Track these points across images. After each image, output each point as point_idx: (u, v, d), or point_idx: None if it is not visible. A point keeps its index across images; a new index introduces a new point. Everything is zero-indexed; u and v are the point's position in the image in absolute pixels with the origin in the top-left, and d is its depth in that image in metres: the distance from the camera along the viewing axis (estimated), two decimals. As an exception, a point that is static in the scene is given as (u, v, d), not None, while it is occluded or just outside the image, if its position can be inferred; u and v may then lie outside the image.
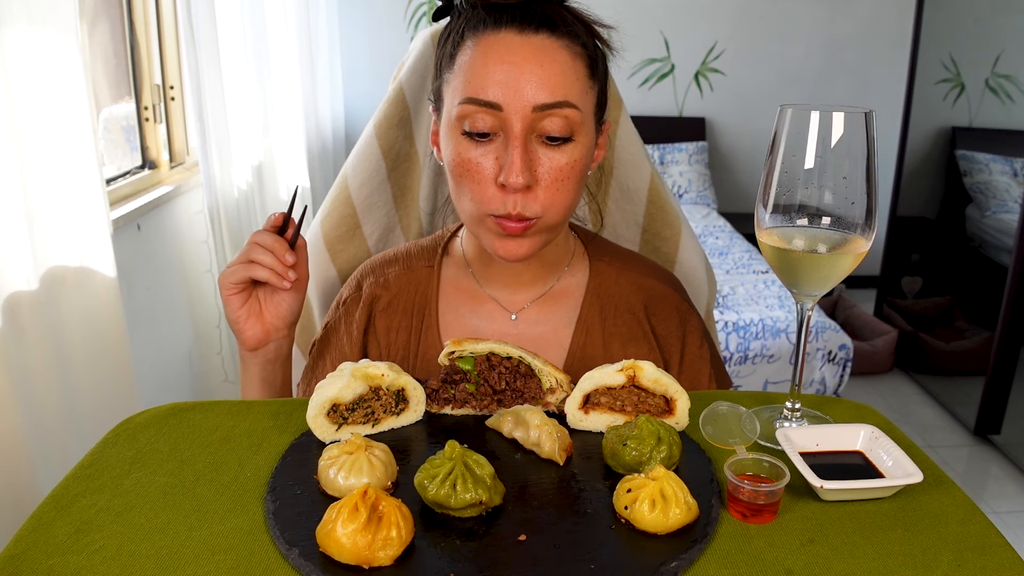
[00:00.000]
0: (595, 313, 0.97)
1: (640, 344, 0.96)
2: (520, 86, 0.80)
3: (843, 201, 0.69)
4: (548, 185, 0.83)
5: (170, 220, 2.33)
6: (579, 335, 0.96)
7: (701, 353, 0.99)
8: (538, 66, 0.80)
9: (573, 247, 1.01)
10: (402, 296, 0.98)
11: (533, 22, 0.82)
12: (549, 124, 0.81)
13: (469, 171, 0.83)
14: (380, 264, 1.01)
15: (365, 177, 1.15)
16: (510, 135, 0.81)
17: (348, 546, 0.55)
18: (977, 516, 0.64)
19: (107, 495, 0.65)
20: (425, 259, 1.00)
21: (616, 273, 0.99)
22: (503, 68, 0.80)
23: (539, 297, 0.98)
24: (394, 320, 0.98)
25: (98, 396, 1.57)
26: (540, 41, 0.81)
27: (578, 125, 0.83)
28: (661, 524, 0.59)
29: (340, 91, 3.98)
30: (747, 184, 4.40)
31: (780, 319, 2.69)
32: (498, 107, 0.80)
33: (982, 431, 2.94)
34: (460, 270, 0.99)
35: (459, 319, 0.97)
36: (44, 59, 1.41)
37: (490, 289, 0.98)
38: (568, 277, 0.99)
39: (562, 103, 0.81)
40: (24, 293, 1.35)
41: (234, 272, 0.88)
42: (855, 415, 0.80)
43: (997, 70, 3.26)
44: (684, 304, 1.00)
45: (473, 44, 0.83)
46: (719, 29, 4.21)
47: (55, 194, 1.46)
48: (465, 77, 0.82)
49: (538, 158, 0.82)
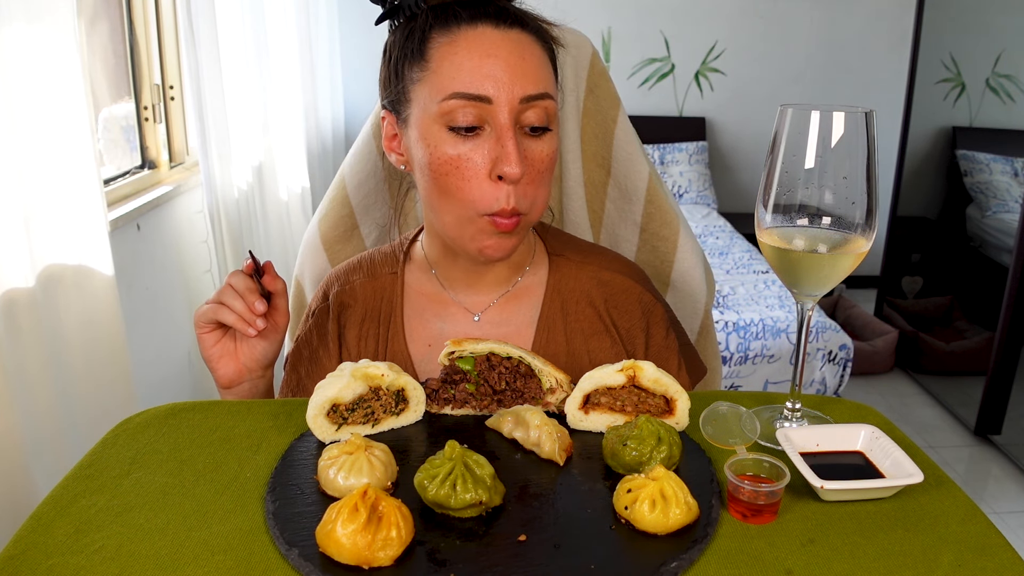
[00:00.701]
0: (556, 310, 0.96)
1: (602, 338, 0.96)
2: (507, 79, 0.81)
3: (843, 201, 0.69)
4: (533, 178, 0.84)
5: (170, 220, 2.33)
6: (541, 333, 0.95)
7: (667, 343, 0.98)
8: (520, 59, 0.82)
9: (533, 243, 1.00)
10: (368, 304, 0.98)
11: (507, 18, 0.83)
12: (532, 115, 0.83)
13: (458, 168, 0.82)
14: (344, 272, 1.01)
15: (363, 177, 1.15)
16: (500, 127, 0.81)
17: (348, 546, 0.55)
18: (977, 516, 0.64)
19: (107, 495, 0.65)
20: (388, 266, 1.00)
21: (575, 268, 0.98)
22: (490, 62, 0.81)
23: (501, 296, 0.97)
24: (363, 328, 0.97)
25: (96, 396, 1.57)
26: (516, 35, 0.83)
27: (554, 116, 0.85)
28: (661, 524, 0.59)
29: (340, 91, 3.99)
30: (747, 184, 4.40)
31: (780, 319, 2.69)
32: (487, 100, 0.80)
33: (982, 431, 2.94)
34: (423, 274, 0.99)
35: (424, 324, 0.96)
36: (42, 58, 1.41)
37: (454, 292, 0.97)
38: (530, 275, 0.98)
39: (544, 95, 0.83)
40: (21, 291, 1.35)
41: (204, 313, 0.89)
42: (855, 415, 0.80)
43: (997, 70, 3.27)
44: (647, 295, 0.99)
45: (448, 40, 0.82)
46: (719, 29, 4.21)
47: (52, 193, 1.46)
48: (448, 72, 0.81)
49: (524, 149, 0.83)
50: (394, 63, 0.87)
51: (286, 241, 2.87)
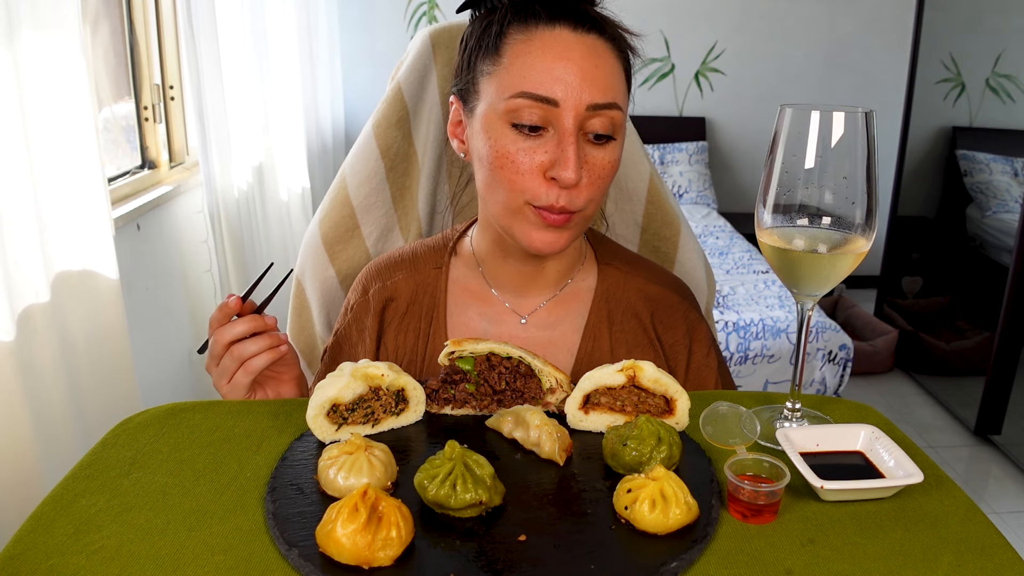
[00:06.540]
0: (603, 319, 0.96)
1: (646, 351, 0.96)
2: (577, 84, 0.80)
3: (843, 201, 0.69)
4: (592, 182, 0.83)
5: (170, 220, 2.33)
6: (587, 340, 0.95)
7: (708, 361, 0.98)
8: (593, 66, 0.81)
9: (584, 250, 1.00)
10: (411, 298, 0.97)
11: (586, 22, 0.83)
12: (598, 123, 0.82)
13: (513, 162, 0.82)
14: (386, 267, 1.00)
15: (364, 177, 1.15)
16: (563, 131, 0.81)
17: (348, 546, 0.55)
18: (977, 516, 0.64)
19: (107, 495, 0.65)
20: (432, 260, 0.99)
21: (624, 278, 0.98)
22: (561, 65, 0.80)
23: (549, 300, 0.97)
24: (403, 324, 0.97)
25: (101, 397, 1.58)
26: (592, 41, 0.82)
27: (620, 126, 0.84)
28: (661, 524, 0.59)
29: (340, 91, 3.98)
30: (747, 184, 4.40)
31: (780, 319, 2.69)
32: (555, 103, 0.80)
33: (982, 431, 2.94)
34: (470, 271, 0.98)
35: (467, 321, 0.96)
36: (49, 62, 1.41)
37: (500, 291, 0.97)
38: (579, 281, 0.98)
39: (611, 104, 0.82)
40: (36, 303, 1.37)
41: (235, 389, 0.86)
42: (855, 415, 0.80)
43: (997, 70, 3.26)
44: (692, 312, 0.99)
45: (524, 38, 0.82)
46: (719, 29, 4.21)
47: (60, 199, 1.46)
48: (519, 71, 0.81)
49: (585, 155, 0.82)
50: (468, 53, 0.88)
51: (286, 241, 2.87)
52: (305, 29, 3.19)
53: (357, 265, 1.16)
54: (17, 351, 1.30)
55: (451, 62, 1.13)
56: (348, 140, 4.05)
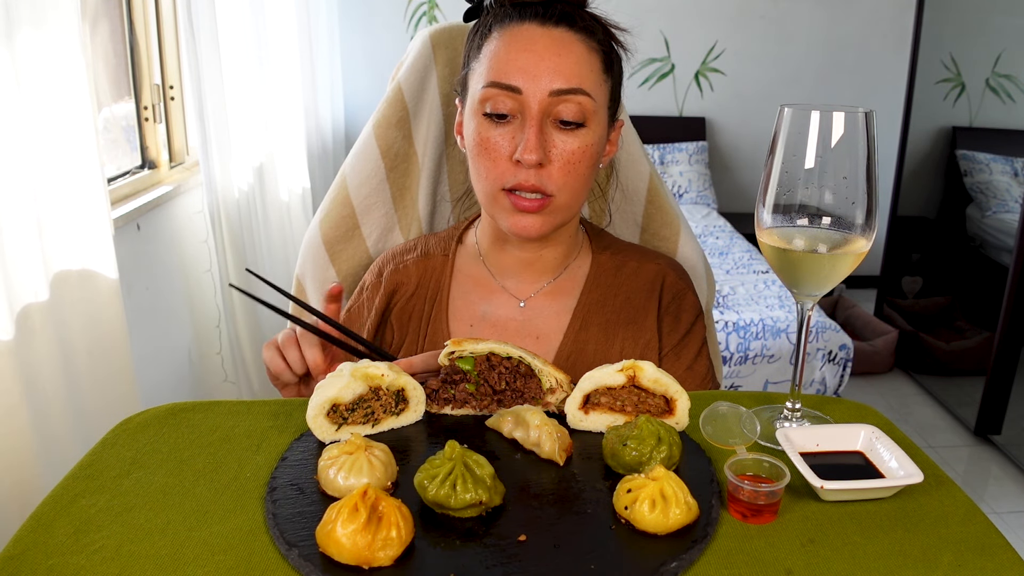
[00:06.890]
0: (593, 301, 1.01)
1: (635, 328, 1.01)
2: (539, 72, 0.87)
3: (843, 201, 0.69)
4: (561, 166, 0.89)
5: (170, 220, 2.33)
6: (576, 319, 1.00)
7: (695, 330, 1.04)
8: (555, 55, 0.88)
9: (581, 241, 1.06)
10: (418, 283, 1.04)
11: (553, 17, 0.90)
12: (564, 109, 0.88)
13: (487, 149, 0.90)
14: (400, 252, 1.07)
15: (364, 177, 1.15)
16: (527, 116, 0.88)
17: (348, 546, 0.55)
18: (978, 516, 0.64)
19: (107, 495, 0.65)
20: (441, 248, 1.06)
21: (616, 264, 1.04)
22: (524, 56, 0.88)
23: (547, 286, 1.03)
24: (408, 304, 1.03)
25: (100, 397, 1.58)
26: (559, 33, 0.89)
27: (591, 113, 0.90)
28: (661, 524, 0.59)
29: (340, 91, 3.98)
30: (747, 184, 4.40)
31: (780, 319, 2.68)
32: (518, 90, 0.87)
33: (982, 431, 2.94)
34: (473, 259, 1.05)
35: (468, 305, 1.02)
36: (48, 62, 1.41)
37: (501, 278, 1.03)
38: (574, 268, 1.04)
39: (576, 90, 0.88)
40: (35, 302, 1.37)
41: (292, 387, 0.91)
42: (855, 415, 0.80)
43: (997, 70, 3.26)
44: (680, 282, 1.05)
45: (498, 35, 0.91)
46: (719, 29, 4.21)
47: (60, 198, 1.46)
48: (489, 64, 0.90)
49: (552, 140, 0.89)
50: (465, 55, 0.97)
51: (286, 241, 2.86)
52: (305, 29, 3.18)
53: (357, 265, 1.16)
54: (16, 351, 1.30)
55: (451, 62, 1.14)
56: (348, 140, 4.05)
